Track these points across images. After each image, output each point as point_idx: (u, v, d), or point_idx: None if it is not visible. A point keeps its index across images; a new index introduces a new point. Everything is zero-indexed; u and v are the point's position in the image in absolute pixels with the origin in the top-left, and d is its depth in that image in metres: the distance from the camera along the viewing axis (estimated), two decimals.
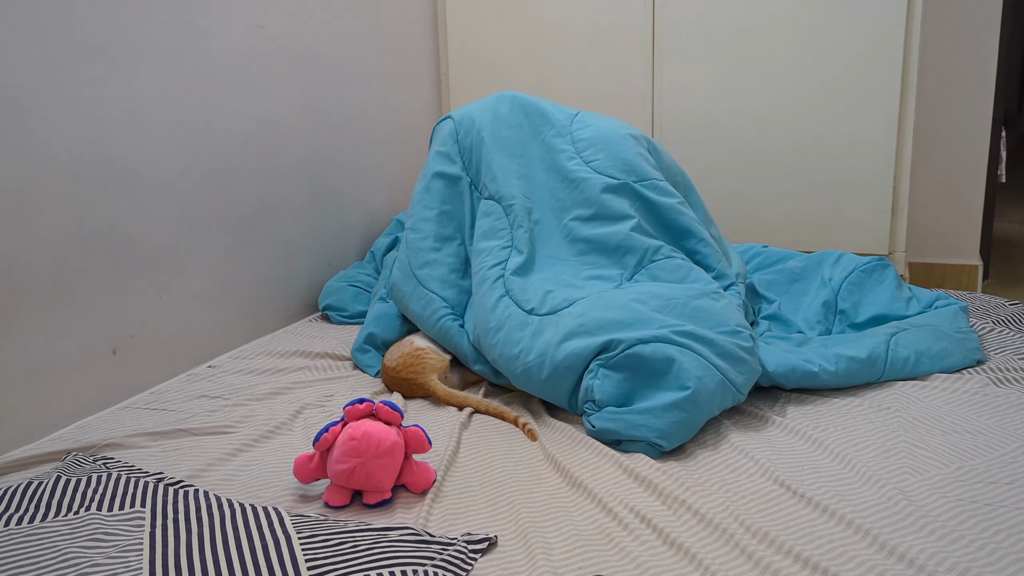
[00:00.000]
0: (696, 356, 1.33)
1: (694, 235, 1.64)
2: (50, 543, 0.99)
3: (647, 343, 1.34)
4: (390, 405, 1.17)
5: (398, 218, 2.27)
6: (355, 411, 1.16)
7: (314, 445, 1.14)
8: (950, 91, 2.49)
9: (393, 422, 1.16)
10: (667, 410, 1.26)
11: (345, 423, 1.16)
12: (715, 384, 1.31)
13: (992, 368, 1.51)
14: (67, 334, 1.43)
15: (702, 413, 1.29)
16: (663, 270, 1.55)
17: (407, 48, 2.45)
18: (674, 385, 1.30)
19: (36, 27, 1.35)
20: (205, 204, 1.72)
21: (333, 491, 1.13)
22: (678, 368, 1.31)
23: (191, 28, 1.66)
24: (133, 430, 1.35)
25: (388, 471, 1.13)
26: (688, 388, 1.28)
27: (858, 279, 1.76)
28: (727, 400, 1.33)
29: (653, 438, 1.24)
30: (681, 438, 1.26)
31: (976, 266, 2.57)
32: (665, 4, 2.31)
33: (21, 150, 1.34)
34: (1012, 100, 5.84)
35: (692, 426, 1.28)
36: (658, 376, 1.32)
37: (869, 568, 0.93)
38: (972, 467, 1.16)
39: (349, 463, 1.11)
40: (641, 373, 1.33)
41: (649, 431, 1.24)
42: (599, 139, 1.69)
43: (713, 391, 1.30)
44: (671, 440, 1.25)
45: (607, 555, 0.99)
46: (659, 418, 1.26)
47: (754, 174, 2.32)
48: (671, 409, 1.26)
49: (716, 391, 1.31)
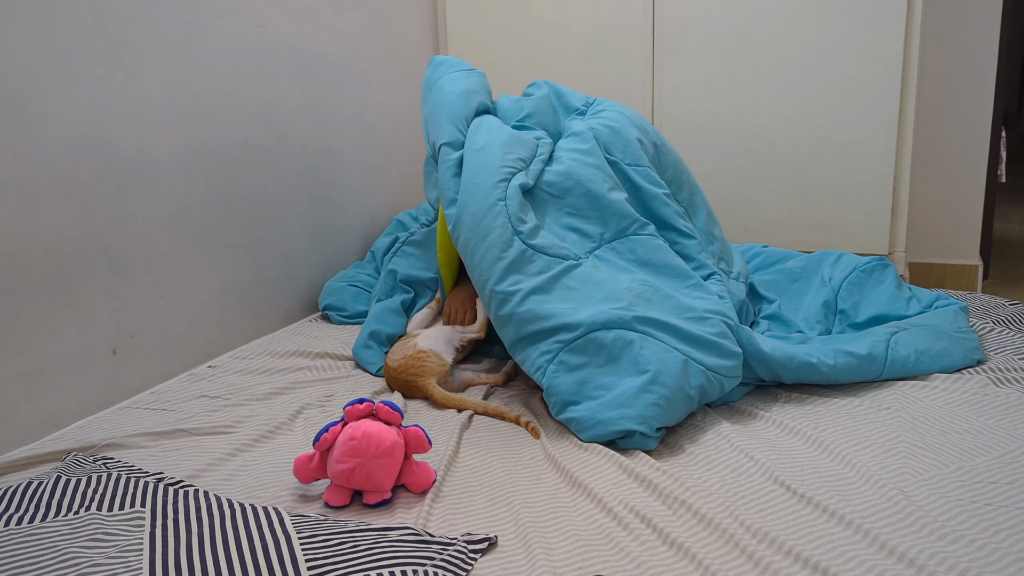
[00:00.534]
0: (656, 341, 1.36)
1: (674, 228, 1.66)
2: (50, 543, 0.99)
3: (610, 329, 1.37)
4: (390, 405, 1.17)
5: (398, 218, 2.27)
6: (355, 411, 1.16)
7: (314, 445, 1.14)
8: (950, 91, 2.49)
9: (393, 422, 1.16)
10: (636, 395, 1.28)
11: (345, 423, 1.16)
12: (679, 365, 1.32)
13: (992, 368, 1.51)
14: (67, 334, 1.43)
15: (673, 393, 1.30)
16: (641, 246, 1.56)
17: (407, 48, 2.45)
18: (633, 370, 1.33)
19: (36, 27, 1.35)
20: (205, 204, 1.72)
21: (333, 491, 1.13)
22: (636, 354, 1.34)
23: (191, 28, 1.66)
24: (133, 430, 1.35)
25: (388, 471, 1.13)
26: (647, 372, 1.30)
27: (858, 279, 1.76)
28: (697, 378, 1.34)
29: (632, 425, 1.25)
30: (661, 420, 1.28)
31: (976, 266, 2.57)
32: (665, 4, 2.31)
33: (21, 150, 1.34)
34: (1012, 100, 5.85)
35: (670, 409, 1.29)
36: (616, 361, 1.34)
37: (869, 568, 0.93)
38: (972, 467, 1.16)
39: (349, 463, 1.11)
40: (599, 358, 1.36)
41: (628, 421, 1.26)
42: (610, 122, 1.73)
43: (678, 371, 1.32)
44: (650, 424, 1.27)
45: (607, 555, 0.99)
46: (631, 406, 1.27)
47: (754, 174, 2.32)
48: (640, 394, 1.28)
49: (681, 371, 1.32)
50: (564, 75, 2.44)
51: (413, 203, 2.47)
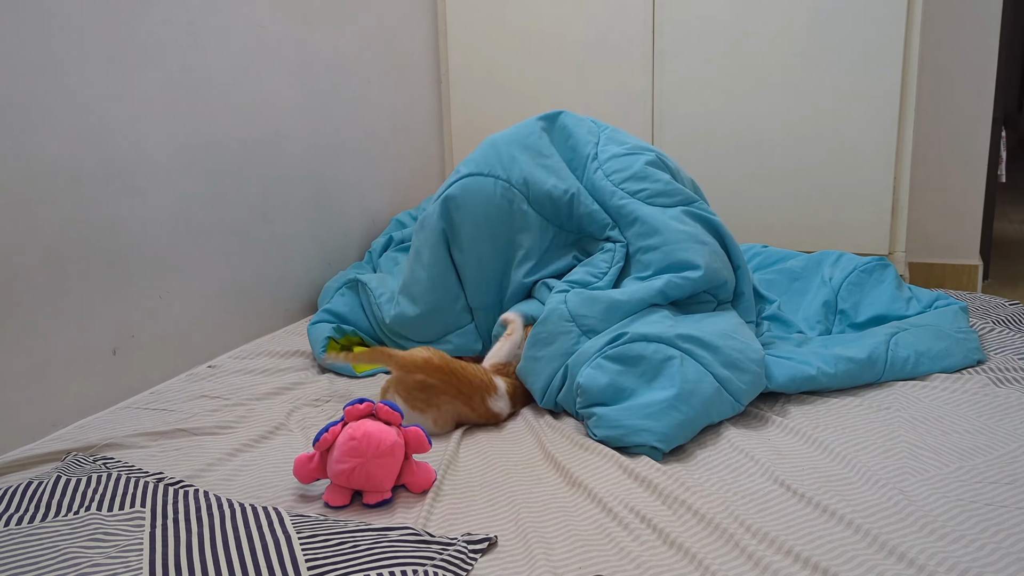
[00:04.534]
0: (695, 362, 1.35)
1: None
2: (50, 543, 0.99)
3: (650, 342, 1.35)
4: (390, 405, 1.17)
5: (398, 218, 2.27)
6: (355, 411, 1.16)
7: (314, 445, 1.14)
8: (950, 91, 2.49)
9: (393, 422, 1.16)
10: (664, 411, 1.27)
11: (345, 423, 1.16)
12: (712, 391, 1.31)
13: (992, 368, 1.51)
14: (67, 334, 1.43)
15: (699, 416, 1.30)
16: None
17: (407, 48, 2.45)
18: (667, 384, 1.31)
19: (36, 27, 1.35)
20: (205, 204, 1.72)
21: (333, 491, 1.13)
22: (675, 370, 1.33)
23: (191, 28, 1.66)
24: (133, 430, 1.35)
25: (388, 471, 1.13)
26: (677, 387, 1.30)
27: (858, 279, 1.75)
28: (723, 407, 1.33)
29: (653, 441, 1.24)
30: (681, 439, 1.27)
31: (976, 266, 2.57)
32: (665, 4, 2.31)
33: (21, 150, 1.34)
34: (1012, 100, 5.84)
35: (691, 431, 1.29)
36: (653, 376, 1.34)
37: (869, 568, 0.93)
38: (972, 467, 1.16)
39: (349, 463, 1.11)
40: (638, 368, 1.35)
41: (650, 435, 1.25)
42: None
43: (710, 397, 1.31)
44: (670, 443, 1.26)
45: (607, 555, 0.99)
46: (658, 420, 1.26)
47: (754, 174, 2.32)
48: (668, 410, 1.27)
49: (713, 397, 1.31)
50: (564, 75, 2.45)
51: (413, 203, 2.47)
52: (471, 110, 2.57)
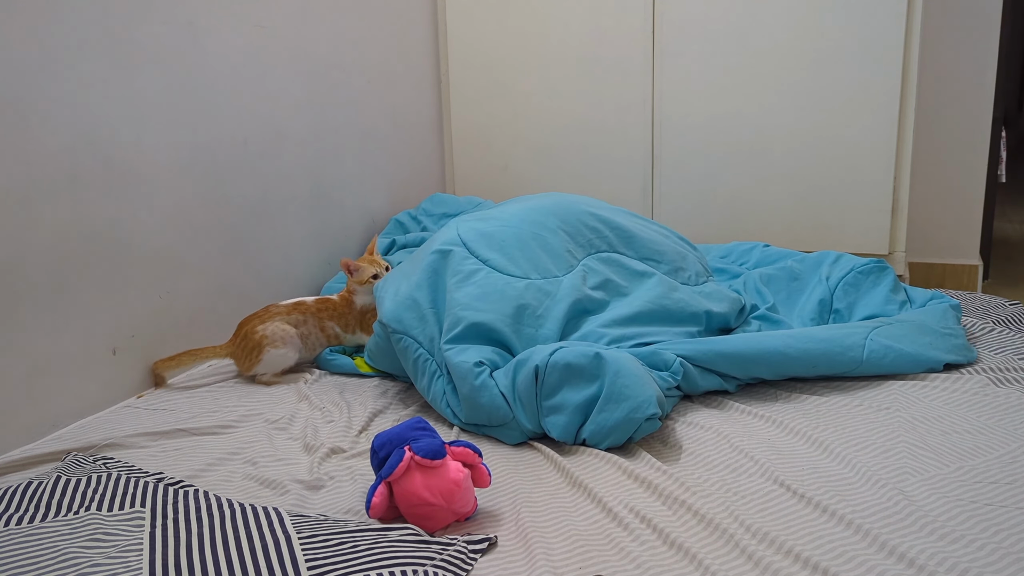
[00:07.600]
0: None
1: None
2: (50, 543, 0.99)
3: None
4: (468, 446, 1.11)
5: (397, 218, 2.27)
6: (457, 452, 1.09)
7: (384, 477, 1.06)
8: (950, 91, 2.49)
9: (469, 462, 1.10)
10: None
11: (413, 458, 1.07)
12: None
13: (992, 368, 1.51)
14: (67, 334, 1.43)
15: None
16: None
17: (407, 48, 2.45)
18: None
19: (36, 27, 1.35)
20: (205, 204, 1.72)
21: (384, 511, 1.07)
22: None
23: (191, 28, 1.66)
24: (133, 430, 1.35)
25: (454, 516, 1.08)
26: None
27: (855, 280, 1.76)
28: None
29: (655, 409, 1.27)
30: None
31: (976, 266, 2.57)
32: (665, 4, 2.31)
33: (21, 150, 1.34)
34: (1012, 100, 5.84)
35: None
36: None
37: (869, 568, 0.93)
38: (972, 467, 1.16)
39: (428, 509, 1.05)
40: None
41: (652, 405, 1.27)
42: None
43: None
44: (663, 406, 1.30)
45: (607, 555, 0.99)
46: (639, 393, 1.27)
47: (754, 174, 2.32)
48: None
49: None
50: (564, 75, 2.45)
51: (413, 203, 2.47)
52: (471, 110, 2.57)
